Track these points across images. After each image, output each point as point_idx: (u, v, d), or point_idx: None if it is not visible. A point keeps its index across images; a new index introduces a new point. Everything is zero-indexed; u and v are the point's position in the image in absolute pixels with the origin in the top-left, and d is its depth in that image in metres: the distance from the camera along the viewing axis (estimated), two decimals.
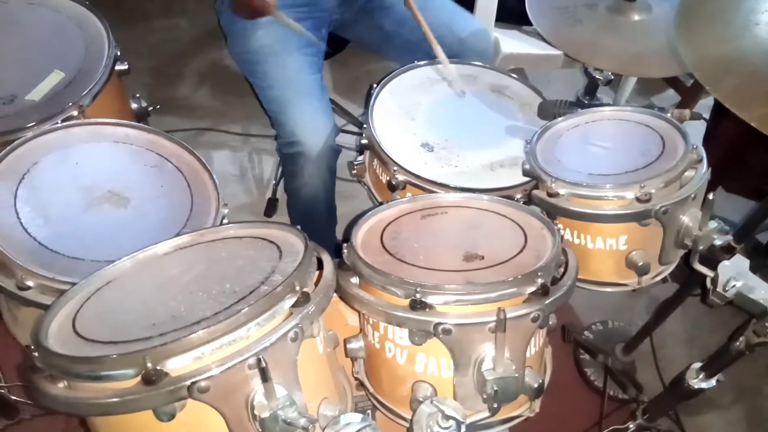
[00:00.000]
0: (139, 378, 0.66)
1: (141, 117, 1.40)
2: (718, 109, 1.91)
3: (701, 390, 1.15)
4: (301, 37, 1.55)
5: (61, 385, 0.71)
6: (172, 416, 0.68)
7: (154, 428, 0.69)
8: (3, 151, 1.08)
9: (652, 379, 1.65)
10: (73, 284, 0.88)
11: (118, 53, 1.31)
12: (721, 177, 1.16)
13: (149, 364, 0.65)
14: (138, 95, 1.41)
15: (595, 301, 1.97)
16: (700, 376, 1.15)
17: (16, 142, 1.10)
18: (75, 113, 1.18)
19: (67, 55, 1.28)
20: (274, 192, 2.06)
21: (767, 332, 0.99)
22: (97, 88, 1.22)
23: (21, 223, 1.02)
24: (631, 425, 1.37)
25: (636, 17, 1.42)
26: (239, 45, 1.61)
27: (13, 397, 1.48)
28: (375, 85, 1.46)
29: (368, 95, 1.45)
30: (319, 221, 1.65)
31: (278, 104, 1.54)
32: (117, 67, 1.30)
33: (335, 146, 1.53)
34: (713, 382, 1.14)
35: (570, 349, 1.83)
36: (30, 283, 0.96)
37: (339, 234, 1.77)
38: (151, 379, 0.65)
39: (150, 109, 1.42)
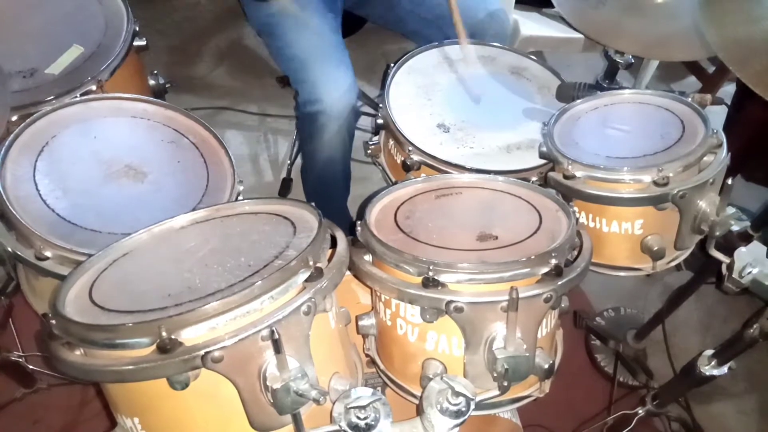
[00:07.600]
0: (154, 347, 0.67)
1: (159, 94, 1.41)
2: (740, 96, 1.88)
3: (712, 377, 1.15)
4: (320, 1, 1.51)
5: (77, 352, 0.72)
6: (185, 385, 0.69)
7: (169, 397, 0.71)
8: (23, 124, 1.09)
9: (663, 366, 1.64)
10: (91, 256, 0.89)
11: (137, 29, 1.31)
12: (740, 165, 1.14)
13: (164, 333, 0.66)
14: (156, 72, 1.41)
15: (607, 288, 1.96)
16: (712, 363, 1.14)
17: (35, 115, 1.11)
18: (94, 88, 1.19)
19: (87, 29, 1.29)
20: (289, 172, 2.06)
21: None
22: (115, 63, 1.23)
23: (40, 195, 1.03)
24: (641, 411, 1.37)
25: None
26: (258, 9, 1.57)
27: (31, 367, 1.51)
28: (392, 65, 1.45)
29: (385, 75, 1.44)
30: (335, 186, 1.65)
31: (299, 61, 1.50)
32: (135, 43, 1.30)
33: (356, 107, 1.50)
34: (725, 369, 1.14)
35: (581, 334, 1.83)
36: (48, 253, 0.97)
37: (352, 214, 1.78)
38: (165, 347, 0.66)
39: (168, 86, 1.43)
